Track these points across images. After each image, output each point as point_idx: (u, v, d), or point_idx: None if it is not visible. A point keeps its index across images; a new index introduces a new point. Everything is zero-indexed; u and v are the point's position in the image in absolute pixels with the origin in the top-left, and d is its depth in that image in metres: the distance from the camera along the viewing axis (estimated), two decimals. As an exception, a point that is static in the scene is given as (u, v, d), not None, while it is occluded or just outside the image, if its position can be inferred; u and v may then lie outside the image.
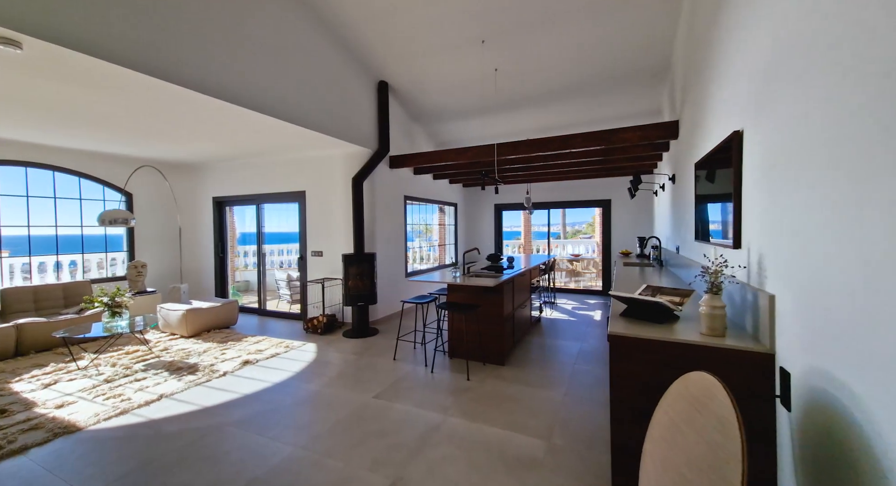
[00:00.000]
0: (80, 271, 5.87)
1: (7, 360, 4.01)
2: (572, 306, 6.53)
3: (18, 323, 4.18)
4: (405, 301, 3.94)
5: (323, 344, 4.48)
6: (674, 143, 4.19)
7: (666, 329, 1.79)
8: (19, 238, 5.22)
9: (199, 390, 3.22)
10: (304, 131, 4.25)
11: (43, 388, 3.27)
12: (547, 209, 8.10)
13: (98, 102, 3.30)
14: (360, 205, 4.93)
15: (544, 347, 4.28)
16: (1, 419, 2.65)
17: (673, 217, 4.10)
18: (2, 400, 2.98)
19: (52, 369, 3.71)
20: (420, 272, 6.87)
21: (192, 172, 6.70)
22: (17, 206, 5.07)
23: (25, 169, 5.07)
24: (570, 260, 9.16)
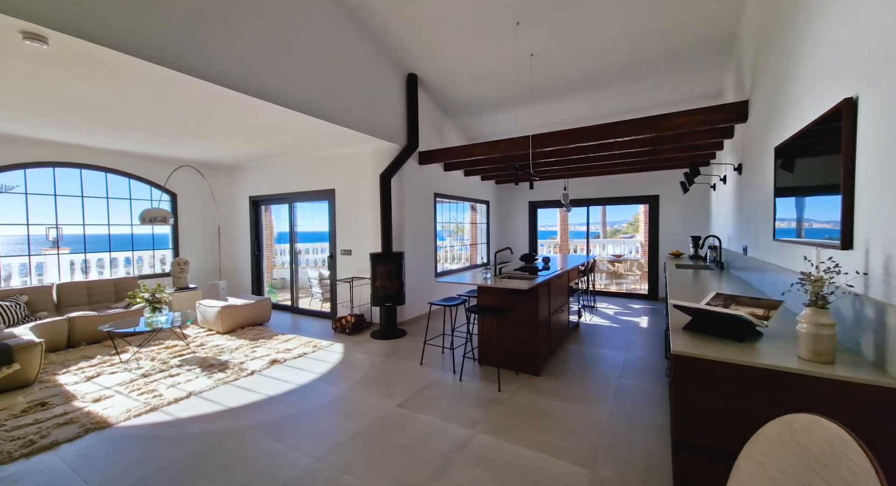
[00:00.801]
0: (134, 267, 6.22)
1: (59, 351, 4.26)
2: (614, 311, 6.04)
3: (70, 316, 4.44)
4: (432, 303, 3.73)
5: (350, 345, 4.39)
6: (741, 127, 3.66)
7: (747, 349, 1.44)
8: (76, 236, 5.60)
9: (226, 388, 3.20)
10: (334, 127, 4.17)
11: (86, 381, 3.40)
12: (586, 206, 7.59)
13: (137, 101, 3.37)
14: (387, 202, 4.79)
15: (584, 356, 3.91)
16: (40, 412, 2.74)
17: (739, 213, 3.58)
18: (46, 392, 3.12)
19: (97, 361, 3.88)
20: (450, 272, 6.65)
21: (230, 172, 6.91)
22: (74, 205, 5.43)
23: (80, 171, 5.41)
24: (612, 261, 8.56)
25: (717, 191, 5.30)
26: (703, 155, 5.48)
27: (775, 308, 1.60)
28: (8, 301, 4.21)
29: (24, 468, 2.07)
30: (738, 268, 3.40)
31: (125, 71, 2.70)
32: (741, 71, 3.55)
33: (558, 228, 10.80)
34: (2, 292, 4.32)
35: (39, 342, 3.35)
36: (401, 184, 5.18)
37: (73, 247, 5.87)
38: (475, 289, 3.88)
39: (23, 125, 4.10)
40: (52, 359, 3.99)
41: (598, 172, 6.81)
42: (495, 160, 5.64)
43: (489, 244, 8.15)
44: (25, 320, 4.23)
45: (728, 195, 4.25)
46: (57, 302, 4.82)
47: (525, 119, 5.80)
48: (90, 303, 5.06)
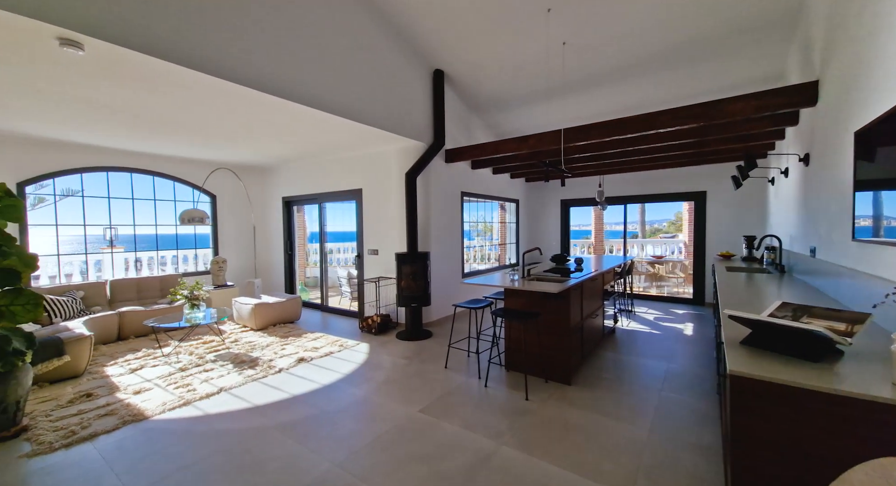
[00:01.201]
0: (179, 265, 6.60)
1: (110, 343, 4.56)
2: (654, 316, 5.62)
3: (121, 311, 4.74)
4: (457, 305, 3.61)
5: (376, 345, 4.36)
6: (808, 112, 3.23)
7: (825, 371, 1.20)
8: (129, 236, 6.01)
9: (254, 385, 3.25)
10: (360, 127, 4.16)
11: (130, 373, 3.59)
12: (623, 204, 7.15)
13: (179, 108, 3.51)
14: (413, 201, 4.72)
15: (620, 365, 3.63)
16: (85, 403, 2.91)
17: (805, 210, 3.17)
18: (93, 383, 3.31)
19: (142, 354, 4.10)
20: (478, 273, 6.49)
21: (264, 173, 7.15)
22: (126, 207, 5.82)
23: (130, 175, 5.79)
24: (652, 262, 8.03)
25: (775, 185, 4.78)
26: (760, 146, 4.97)
27: (861, 323, 1.34)
28: (66, 296, 4.56)
29: (62, 459, 2.17)
30: (803, 272, 3.01)
31: (166, 78, 2.80)
32: (808, 48, 3.13)
33: (592, 228, 10.33)
34: (60, 287, 4.69)
35: (89, 336, 3.58)
36: (427, 183, 5.10)
37: (127, 246, 6.32)
38: (503, 291, 3.72)
39: (78, 132, 4.42)
40: (102, 351, 4.27)
41: (637, 168, 6.38)
42: (525, 157, 5.42)
43: (518, 244, 7.90)
44: (81, 314, 4.56)
45: (790, 190, 3.79)
46: (110, 297, 5.17)
47: (557, 113, 5.52)
48: (139, 299, 5.39)
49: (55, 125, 4.09)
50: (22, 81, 2.87)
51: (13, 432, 2.37)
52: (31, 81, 2.87)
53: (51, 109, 3.54)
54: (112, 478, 1.99)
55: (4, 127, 4.11)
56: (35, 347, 2.57)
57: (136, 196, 5.88)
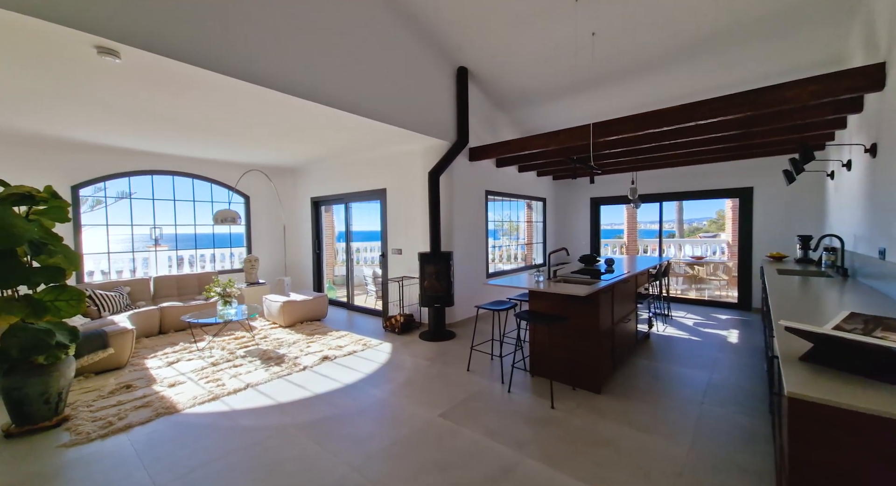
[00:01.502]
0: (216, 263, 6.92)
1: (152, 337, 4.82)
2: (693, 322, 5.25)
3: (162, 306, 5.01)
4: (480, 307, 3.50)
5: (398, 345, 4.34)
6: (874, 97, 2.87)
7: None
8: (170, 235, 6.36)
9: (279, 383, 3.31)
10: (384, 127, 4.15)
11: (167, 365, 3.77)
12: (658, 202, 6.75)
13: (215, 113, 3.65)
14: (436, 201, 4.66)
15: (656, 374, 3.40)
16: (124, 394, 3.06)
17: (873, 206, 2.81)
18: (133, 375, 3.50)
19: (179, 348, 4.30)
20: (504, 273, 6.35)
21: (294, 174, 7.35)
22: (168, 208, 6.16)
23: (172, 178, 6.11)
24: (690, 263, 7.54)
25: (835, 179, 4.32)
26: (817, 136, 4.50)
27: (955, 340, 1.12)
28: (114, 292, 4.87)
29: (98, 449, 2.28)
30: (871, 276, 2.66)
31: (201, 84, 2.89)
32: (873, 27, 2.77)
33: (625, 227, 9.87)
34: (109, 283, 5.01)
35: (131, 330, 3.79)
36: (450, 182, 5.03)
37: (170, 245, 6.68)
38: (528, 293, 3.58)
39: (124, 138, 4.70)
40: (145, 344, 4.52)
41: (674, 163, 5.99)
42: (553, 153, 5.21)
43: (545, 244, 7.66)
44: (126, 309, 4.86)
45: (854, 184, 3.40)
46: (153, 293, 5.48)
47: (586, 107, 5.28)
48: (179, 295, 5.68)
49: (103, 132, 4.37)
50: (67, 90, 3.06)
51: (55, 421, 2.52)
52: (75, 90, 3.06)
53: (97, 117, 3.77)
54: (141, 471, 2.06)
55: (60, 134, 4.43)
56: (78, 340, 2.73)
57: (178, 198, 6.20)
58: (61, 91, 3.07)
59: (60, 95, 3.14)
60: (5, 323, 2.27)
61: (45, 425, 2.48)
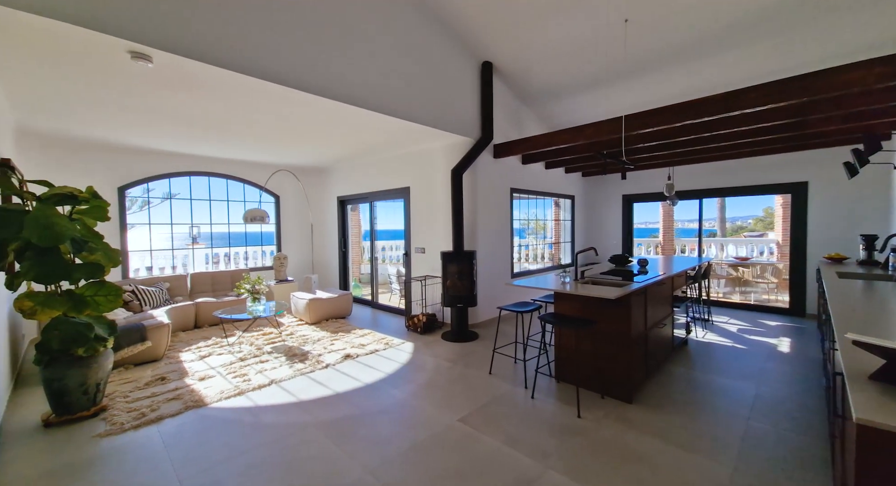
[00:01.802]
0: (250, 260, 7.18)
1: (188, 330, 5.05)
2: (738, 328, 4.86)
3: (197, 302, 5.24)
4: (502, 308, 3.38)
5: (420, 345, 4.29)
6: (960, 75, 2.49)
7: None
8: (206, 234, 6.66)
9: (302, 380, 3.34)
10: (407, 125, 4.11)
11: (199, 359, 3.92)
12: (697, 199, 6.31)
13: (237, 113, 3.75)
14: (459, 199, 4.57)
15: (694, 383, 3.14)
16: (158, 386, 3.20)
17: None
18: (168, 367, 3.66)
19: (211, 342, 4.47)
20: (530, 273, 6.16)
21: (321, 174, 7.50)
22: (205, 208, 6.45)
23: (208, 179, 6.39)
24: (734, 264, 7.01)
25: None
26: (883, 124, 4.02)
27: None
28: (154, 287, 5.14)
29: (130, 440, 2.37)
30: (956, 281, 2.31)
31: (232, 87, 2.97)
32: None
33: (661, 225, 9.36)
34: (151, 279, 5.30)
35: (167, 324, 3.97)
36: (474, 179, 4.92)
37: (207, 243, 7.01)
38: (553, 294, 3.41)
39: (163, 141, 4.94)
40: (181, 337, 4.74)
41: (716, 157, 5.56)
42: (582, 148, 4.98)
43: (573, 243, 7.38)
44: (165, 304, 5.11)
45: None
46: (190, 289, 5.75)
47: (617, 100, 5.01)
48: (213, 291, 5.93)
49: (145, 136, 4.61)
50: (112, 97, 3.23)
51: (93, 411, 2.66)
52: (120, 98, 3.22)
53: (139, 122, 3.97)
54: (166, 464, 2.12)
55: (109, 138, 4.71)
56: (116, 334, 2.87)
57: (213, 198, 6.48)
58: (105, 98, 3.24)
59: (105, 102, 3.33)
60: (47, 317, 2.41)
61: (83, 415, 2.62)
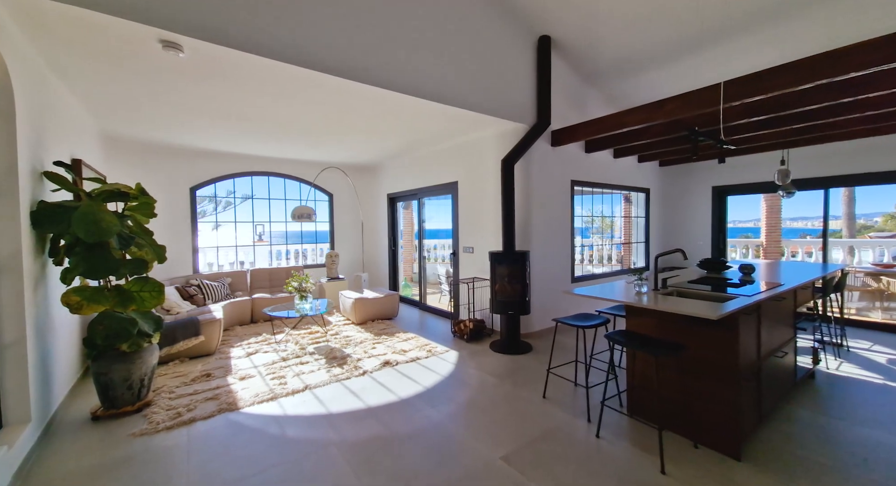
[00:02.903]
0: (308, 257, 7.39)
1: (245, 325, 5.22)
2: (887, 357, 3.67)
3: (253, 297, 5.41)
4: (559, 321, 2.82)
5: (465, 354, 3.88)
6: None
7: None
8: (273, 232, 6.95)
9: (336, 387, 3.13)
10: (453, 112, 3.74)
11: (246, 356, 3.94)
12: (822, 189, 5.00)
13: (300, 109, 3.68)
14: (510, 192, 4.06)
15: (827, 434, 2.30)
16: (202, 383, 3.21)
17: None
18: (217, 363, 3.70)
19: (261, 339, 4.53)
20: (593, 278, 5.40)
21: (372, 171, 7.44)
22: (266, 206, 6.73)
23: (268, 178, 6.64)
24: (874, 273, 5.48)
25: None
26: None
27: None
28: (217, 282, 5.41)
29: (158, 443, 2.31)
30: None
31: (285, 79, 2.86)
32: None
33: (763, 223, 7.81)
34: (214, 275, 5.60)
35: (219, 319, 4.06)
36: (527, 171, 4.36)
37: (273, 240, 7.34)
38: (624, 306, 2.76)
39: (228, 142, 5.13)
40: (237, 331, 4.90)
41: (846, 135, 4.31)
42: (660, 130, 4.15)
43: (648, 244, 6.39)
44: (226, 298, 5.35)
45: None
46: (250, 285, 5.99)
47: (702, 71, 4.09)
48: (270, 287, 6.12)
49: (209, 138, 4.82)
50: (181, 100, 3.34)
51: (137, 407, 2.69)
52: (190, 101, 3.30)
53: (203, 124, 4.12)
54: (182, 477, 1.98)
55: (179, 141, 5.02)
56: (161, 330, 2.90)
57: (273, 196, 6.73)
58: (165, 99, 3.34)
59: (165, 102, 3.44)
60: (92, 312, 2.46)
61: (127, 409, 2.65)
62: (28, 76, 2.38)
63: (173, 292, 4.81)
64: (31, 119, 2.40)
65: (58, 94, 2.96)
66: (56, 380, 2.61)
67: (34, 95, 2.46)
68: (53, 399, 2.54)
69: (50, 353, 2.52)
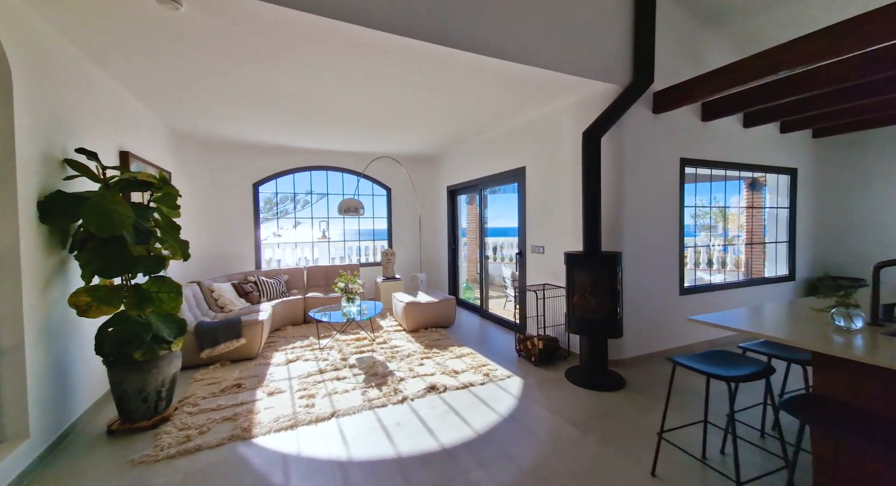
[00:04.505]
0: (368, 255, 7.12)
1: (297, 325, 5.01)
2: None
3: (306, 296, 5.19)
4: (677, 362, 1.83)
5: (533, 384, 3.03)
6: None
7: None
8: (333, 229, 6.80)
9: (368, 417, 2.55)
10: (525, 74, 2.92)
11: (285, 364, 3.60)
12: None
13: (343, 91, 3.23)
14: (594, 176, 3.07)
15: None
16: (229, 395, 2.88)
17: None
18: (254, 370, 3.40)
19: (307, 343, 4.20)
20: (711, 289, 4.06)
21: (431, 163, 6.85)
22: (324, 202, 6.57)
23: (326, 173, 6.45)
24: None
25: None
26: None
27: None
28: (273, 280, 5.31)
29: (152, 477, 1.93)
30: None
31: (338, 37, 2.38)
32: None
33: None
34: (271, 271, 5.52)
35: (261, 321, 3.79)
36: (619, 146, 3.31)
37: (334, 237, 7.21)
38: (807, 351, 1.66)
39: (283, 135, 4.94)
40: (289, 332, 4.68)
41: None
42: (824, 79, 2.77)
43: (793, 245, 4.74)
44: (281, 296, 5.21)
45: None
46: (306, 283, 5.83)
47: None
48: (325, 285, 5.91)
49: (267, 128, 4.63)
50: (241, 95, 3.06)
51: (152, 422, 2.40)
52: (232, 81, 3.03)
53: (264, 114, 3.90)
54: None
55: (244, 136, 4.94)
56: (183, 335, 2.60)
57: (331, 192, 6.54)
58: (223, 84, 3.10)
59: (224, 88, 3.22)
60: (100, 315, 2.19)
61: (143, 425, 2.38)
62: (36, 54, 2.17)
63: (229, 289, 4.76)
64: (42, 103, 2.20)
65: (98, 81, 2.83)
66: (75, 390, 2.40)
67: (47, 76, 2.26)
68: (70, 411, 2.33)
69: (66, 359, 2.32)
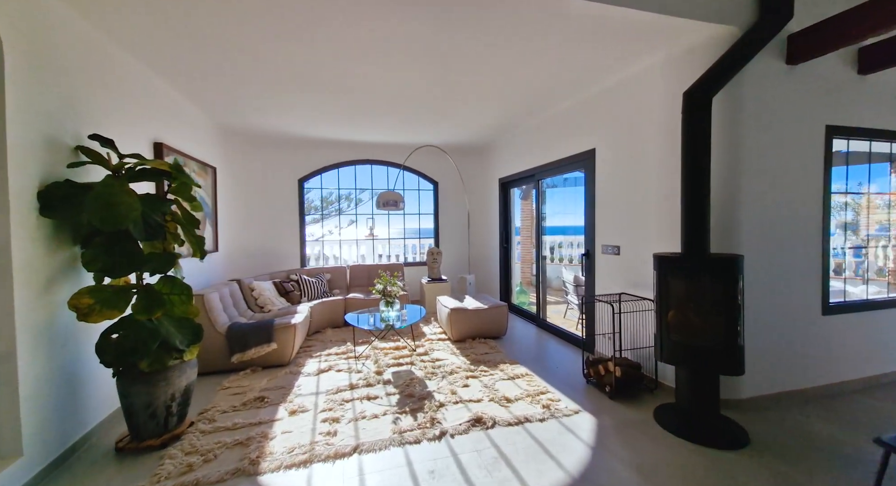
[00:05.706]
0: (418, 254, 6.74)
1: (337, 328, 4.72)
2: None
3: (347, 297, 4.90)
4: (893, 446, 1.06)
5: (609, 427, 2.32)
6: None
7: None
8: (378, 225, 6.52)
9: (395, 455, 2.07)
10: (607, 16, 2.22)
11: (316, 374, 3.26)
12: None
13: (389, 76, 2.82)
14: (699, 150, 2.25)
15: None
16: (251, 410, 2.56)
17: None
18: (283, 380, 3.09)
19: (343, 350, 3.86)
20: (867, 307, 2.95)
21: (478, 153, 6.26)
22: (369, 199, 6.29)
23: (371, 167, 6.14)
24: None
25: None
26: None
27: None
28: (314, 278, 5.09)
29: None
30: None
31: None
32: None
33: None
34: (314, 270, 5.32)
35: (293, 325, 3.50)
36: (734, 111, 2.43)
37: (380, 235, 6.92)
38: None
39: (327, 127, 4.70)
40: (326, 336, 4.40)
41: None
42: None
43: None
44: (323, 296, 4.97)
45: None
46: (348, 282, 5.57)
47: None
48: (368, 285, 5.57)
49: (310, 118, 4.39)
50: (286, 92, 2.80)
51: (161, 441, 2.12)
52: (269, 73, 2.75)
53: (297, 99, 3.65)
54: None
55: (289, 129, 4.78)
56: (199, 342, 2.32)
57: (375, 187, 6.23)
58: (260, 68, 2.85)
59: (261, 72, 2.97)
60: (101, 319, 1.94)
61: (151, 444, 2.11)
62: (40, 34, 1.96)
63: (270, 288, 4.60)
64: (49, 85, 2.00)
65: (124, 65, 2.66)
66: (86, 401, 2.19)
67: (55, 58, 2.06)
68: (78, 425, 2.12)
69: (75, 368, 2.12)
